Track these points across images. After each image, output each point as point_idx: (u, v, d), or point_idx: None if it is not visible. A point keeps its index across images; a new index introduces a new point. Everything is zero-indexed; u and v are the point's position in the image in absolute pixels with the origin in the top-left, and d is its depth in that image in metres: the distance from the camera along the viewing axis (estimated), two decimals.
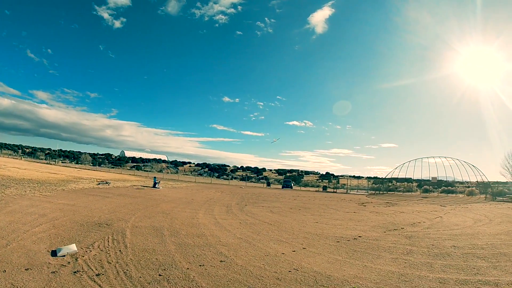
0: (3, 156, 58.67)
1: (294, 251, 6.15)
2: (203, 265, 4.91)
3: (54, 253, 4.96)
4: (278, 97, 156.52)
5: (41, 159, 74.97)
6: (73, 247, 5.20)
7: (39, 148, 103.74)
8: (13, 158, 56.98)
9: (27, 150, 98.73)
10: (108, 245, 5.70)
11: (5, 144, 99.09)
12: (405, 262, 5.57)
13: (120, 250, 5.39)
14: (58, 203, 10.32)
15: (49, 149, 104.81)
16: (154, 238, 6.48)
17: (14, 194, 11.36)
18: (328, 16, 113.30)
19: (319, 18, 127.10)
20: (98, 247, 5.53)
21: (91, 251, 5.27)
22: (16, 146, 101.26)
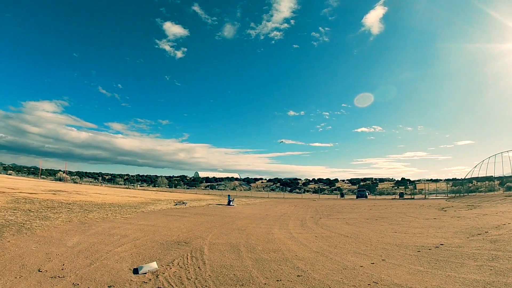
0: (85, 184, 74.35)
1: (373, 263, 6.77)
2: (280, 280, 5.57)
3: (136, 271, 5.87)
4: (343, 105, 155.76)
5: (120, 184, 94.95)
6: (154, 265, 6.10)
7: (118, 174, 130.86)
8: (94, 185, 71.81)
9: (107, 176, 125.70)
10: (187, 262, 6.66)
11: (86, 172, 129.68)
12: (491, 269, 6.03)
13: (198, 267, 6.28)
14: (139, 224, 12.26)
15: (127, 174, 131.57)
16: (231, 254, 7.52)
17: (96, 218, 13.64)
18: (382, 15, 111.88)
19: (373, 18, 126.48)
20: (178, 264, 6.46)
21: (171, 268, 6.17)
22: (97, 173, 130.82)
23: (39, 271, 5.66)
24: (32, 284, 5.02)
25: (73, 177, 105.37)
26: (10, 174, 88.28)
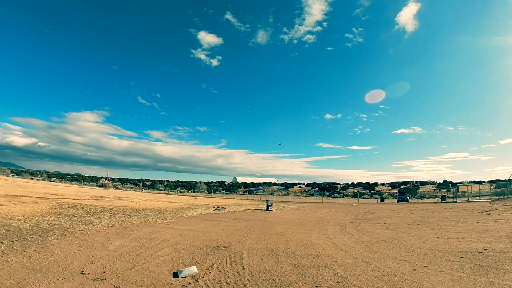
0: (127, 190, 79.43)
1: (415, 269, 6.91)
2: (319, 286, 5.76)
3: (176, 275, 6.22)
4: (381, 106, 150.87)
5: (160, 190, 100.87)
6: (193, 269, 6.47)
7: (158, 181, 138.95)
8: (135, 191, 76.36)
9: (147, 183, 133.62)
10: (226, 266, 6.99)
11: (128, 179, 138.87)
12: None
13: (237, 271, 6.59)
14: (179, 229, 12.86)
15: (167, 180, 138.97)
16: (270, 259, 7.83)
17: (138, 223, 14.38)
18: (415, 11, 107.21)
19: (407, 16, 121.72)
20: (217, 268, 6.80)
21: (210, 272, 6.51)
22: (137, 180, 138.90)
23: (81, 273, 6.10)
24: (75, 285, 5.44)
25: (114, 183, 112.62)
26: (54, 181, 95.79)
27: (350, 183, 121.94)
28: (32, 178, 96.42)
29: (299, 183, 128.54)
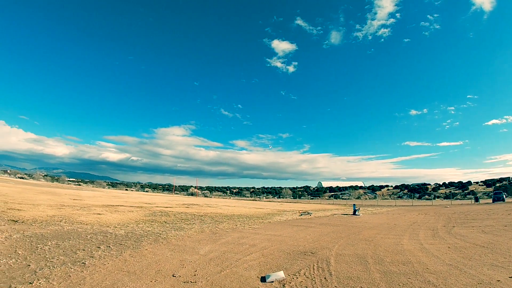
0: (215, 197, 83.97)
1: None
2: None
3: (263, 279, 6.36)
4: (468, 96, 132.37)
5: (247, 196, 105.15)
6: (281, 274, 6.55)
7: (244, 188, 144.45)
8: (223, 198, 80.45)
9: (234, 190, 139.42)
10: (314, 272, 6.99)
11: (216, 187, 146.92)
12: None
13: (325, 278, 6.58)
14: (266, 234, 13.08)
15: (253, 187, 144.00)
16: (358, 265, 7.69)
17: (226, 228, 14.76)
18: None
19: None
20: (304, 274, 6.83)
21: (297, 278, 6.56)
22: (225, 187, 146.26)
23: (173, 276, 6.31)
24: (166, 287, 5.63)
25: (203, 191, 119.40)
26: (147, 191, 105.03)
27: (441, 183, 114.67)
28: (126, 189, 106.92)
29: (387, 186, 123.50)
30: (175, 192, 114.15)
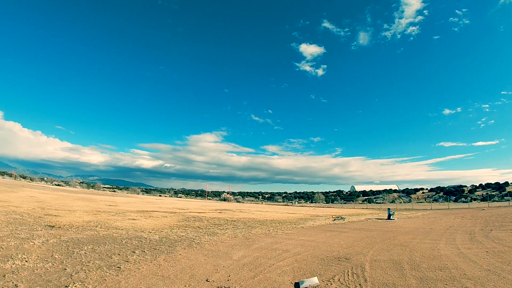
0: (247, 202, 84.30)
1: None
2: None
3: (297, 285, 6.29)
4: (503, 92, 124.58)
5: (279, 201, 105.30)
6: (315, 280, 6.49)
7: (276, 193, 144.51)
8: (255, 203, 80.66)
9: (266, 195, 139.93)
10: (348, 278, 6.90)
11: (247, 192, 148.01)
12: None
13: (360, 284, 6.48)
14: (299, 240, 13.03)
15: (285, 192, 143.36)
16: (394, 271, 7.59)
17: (259, 233, 14.70)
18: None
19: None
20: (339, 280, 6.75)
21: (331, 284, 6.47)
22: (257, 193, 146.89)
23: (206, 281, 6.27)
24: None
25: (236, 197, 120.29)
26: (180, 197, 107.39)
27: (477, 185, 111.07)
28: (160, 195, 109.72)
29: (422, 188, 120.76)
30: (208, 197, 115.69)
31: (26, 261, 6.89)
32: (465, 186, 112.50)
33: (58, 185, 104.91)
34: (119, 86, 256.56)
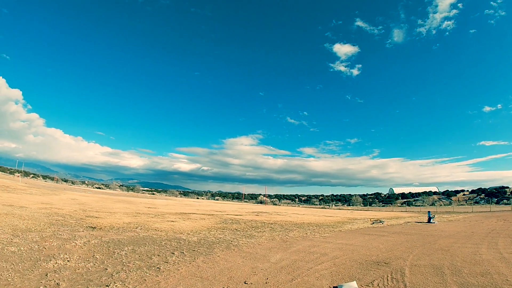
0: (284, 205, 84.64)
1: None
2: None
3: None
4: None
5: (316, 204, 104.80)
6: (353, 285, 6.44)
7: (313, 195, 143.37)
8: (292, 206, 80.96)
9: (303, 198, 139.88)
10: (387, 283, 6.78)
11: (284, 195, 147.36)
12: None
13: None
14: (337, 243, 12.86)
15: (322, 195, 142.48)
16: (434, 277, 7.42)
17: (296, 237, 14.60)
18: None
19: None
20: (378, 285, 6.67)
21: None
22: (293, 195, 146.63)
23: (245, 283, 6.28)
24: None
25: (272, 199, 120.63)
26: (217, 200, 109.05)
27: None
28: (197, 198, 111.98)
29: (462, 190, 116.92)
30: (244, 200, 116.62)
31: (68, 260, 7.17)
32: (507, 187, 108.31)
33: (99, 188, 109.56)
34: (156, 93, 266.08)
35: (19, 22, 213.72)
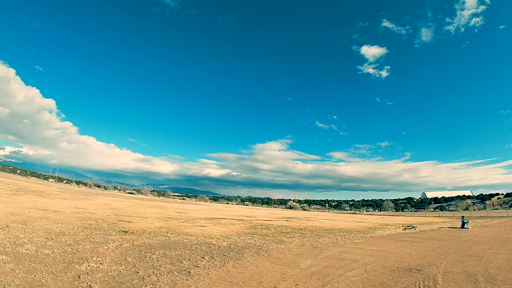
0: (313, 211, 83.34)
1: None
2: None
3: None
4: None
5: (346, 209, 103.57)
6: None
7: (343, 200, 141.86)
8: (322, 211, 79.93)
9: (333, 203, 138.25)
10: None
11: (314, 200, 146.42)
12: None
13: None
14: (368, 249, 12.72)
15: (352, 200, 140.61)
16: (468, 284, 7.34)
17: (327, 242, 14.43)
18: None
19: None
20: None
21: None
22: (323, 201, 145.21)
23: None
24: None
25: (302, 205, 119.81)
26: (247, 205, 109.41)
27: None
28: (227, 203, 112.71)
29: (497, 194, 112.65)
30: (274, 205, 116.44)
31: (100, 263, 7.39)
32: None
33: (131, 193, 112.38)
34: (187, 100, 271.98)
35: (50, 35, 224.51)
